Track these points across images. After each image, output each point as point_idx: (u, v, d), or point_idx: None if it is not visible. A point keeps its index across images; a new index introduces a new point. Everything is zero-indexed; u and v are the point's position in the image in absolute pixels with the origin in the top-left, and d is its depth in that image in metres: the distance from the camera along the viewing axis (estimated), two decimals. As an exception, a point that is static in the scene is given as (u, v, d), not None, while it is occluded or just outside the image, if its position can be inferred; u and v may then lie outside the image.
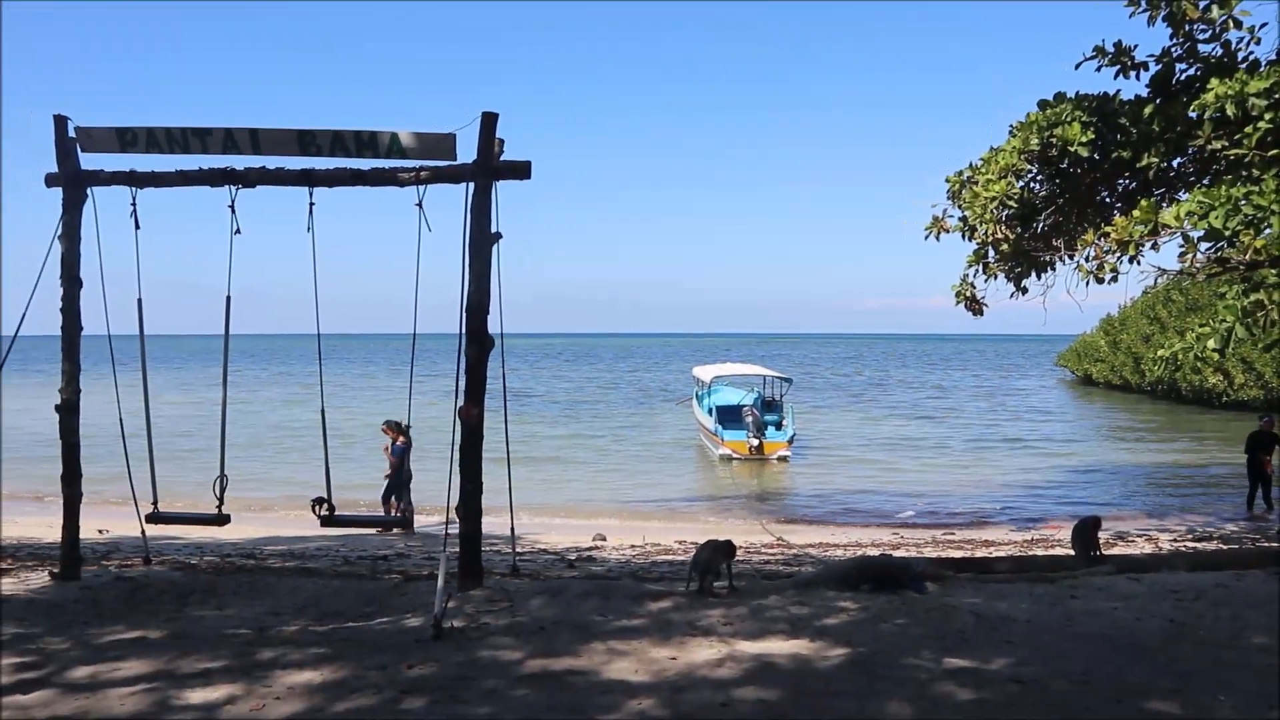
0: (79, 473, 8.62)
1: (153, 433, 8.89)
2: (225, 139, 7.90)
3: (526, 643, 6.04)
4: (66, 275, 8.40)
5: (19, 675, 5.53)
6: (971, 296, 11.62)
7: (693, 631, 6.31)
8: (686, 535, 15.05)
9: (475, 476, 7.65)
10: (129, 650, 6.06)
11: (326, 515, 8.27)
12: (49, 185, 8.50)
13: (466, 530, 7.66)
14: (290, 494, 19.21)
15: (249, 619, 7.00)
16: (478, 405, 7.62)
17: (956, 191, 10.85)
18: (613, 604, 7.11)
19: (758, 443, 25.54)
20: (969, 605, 7.07)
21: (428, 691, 5.10)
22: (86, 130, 8.18)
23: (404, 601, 7.47)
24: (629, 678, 5.35)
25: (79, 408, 8.55)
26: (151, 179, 8.30)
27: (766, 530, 16.01)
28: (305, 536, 14.34)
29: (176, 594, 7.99)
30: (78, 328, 8.46)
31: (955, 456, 27.77)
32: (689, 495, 21.66)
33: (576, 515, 18.05)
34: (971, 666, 5.50)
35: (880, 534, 15.94)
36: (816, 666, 5.56)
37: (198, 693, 5.18)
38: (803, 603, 7.12)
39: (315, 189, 7.99)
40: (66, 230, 8.38)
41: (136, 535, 9.64)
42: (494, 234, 7.62)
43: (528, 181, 7.79)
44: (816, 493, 21.57)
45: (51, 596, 7.82)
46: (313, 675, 5.43)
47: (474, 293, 7.57)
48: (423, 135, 7.64)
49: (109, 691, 5.23)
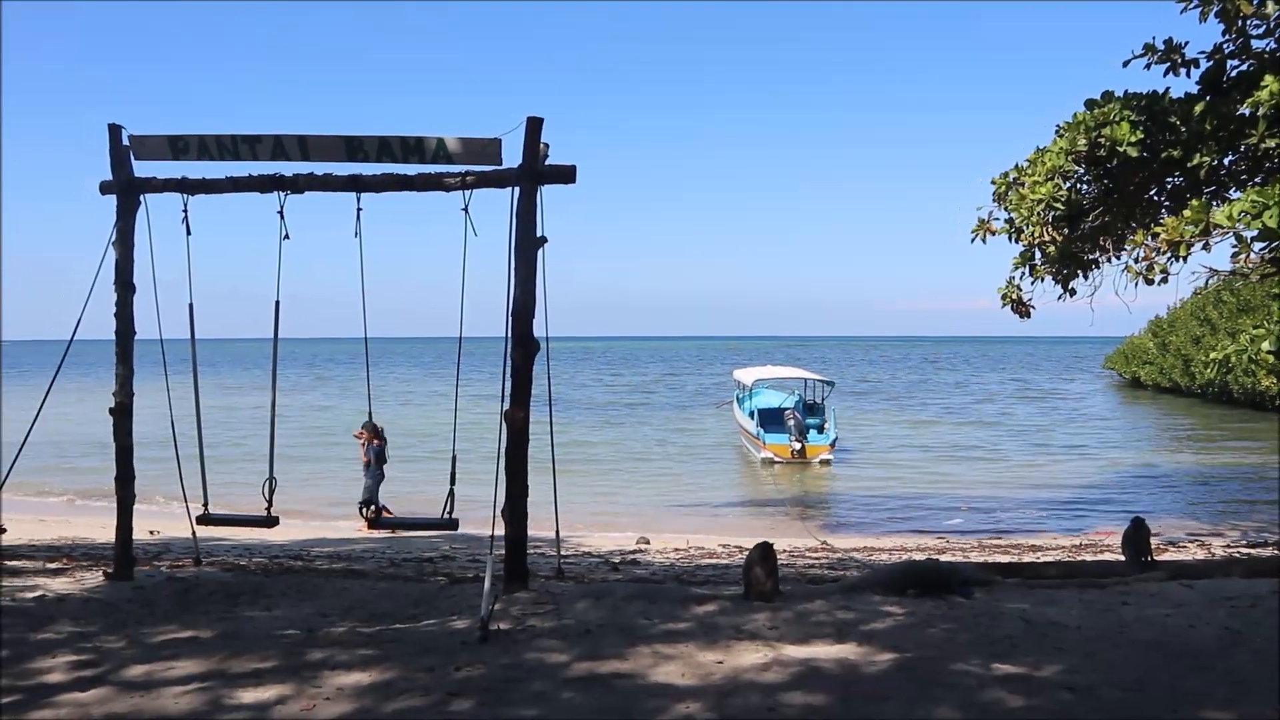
0: (132, 475, 8.77)
1: (203, 435, 9.02)
2: (274, 146, 8.01)
3: (573, 645, 6.05)
4: (120, 281, 8.55)
5: (76, 673, 5.62)
6: (1018, 299, 11.49)
7: (739, 635, 6.29)
8: (730, 539, 15.03)
9: (521, 480, 7.69)
10: (182, 649, 6.14)
11: (374, 518, 8.34)
12: (103, 192, 8.66)
13: (512, 533, 7.69)
14: (337, 497, 19.46)
15: (298, 620, 7.07)
16: (523, 409, 7.66)
17: (1002, 193, 10.73)
18: (658, 607, 7.11)
19: (800, 446, 25.45)
20: (1017, 611, 6.99)
21: (475, 693, 5.12)
22: (140, 138, 8.32)
23: (450, 603, 7.52)
24: (676, 681, 5.34)
25: (132, 411, 8.71)
26: (202, 186, 8.43)
27: (810, 534, 15.94)
28: (350, 539, 14.50)
29: (226, 594, 8.10)
30: (131, 332, 8.61)
31: (1000, 460, 27.49)
32: (731, 499, 21.63)
33: (619, 518, 18.09)
34: (1021, 673, 5.43)
35: (925, 538, 15.82)
36: (864, 672, 5.52)
37: (249, 692, 5.24)
38: (849, 607, 7.07)
39: (363, 194, 8.07)
40: (120, 236, 8.53)
41: (186, 536, 9.79)
42: (539, 238, 7.66)
43: (570, 185, 7.84)
44: (859, 496, 21.45)
45: (106, 596, 7.95)
46: (361, 676, 5.48)
47: (519, 297, 7.62)
48: (468, 140, 7.70)
49: (163, 690, 5.30)
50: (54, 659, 5.90)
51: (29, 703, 5.07)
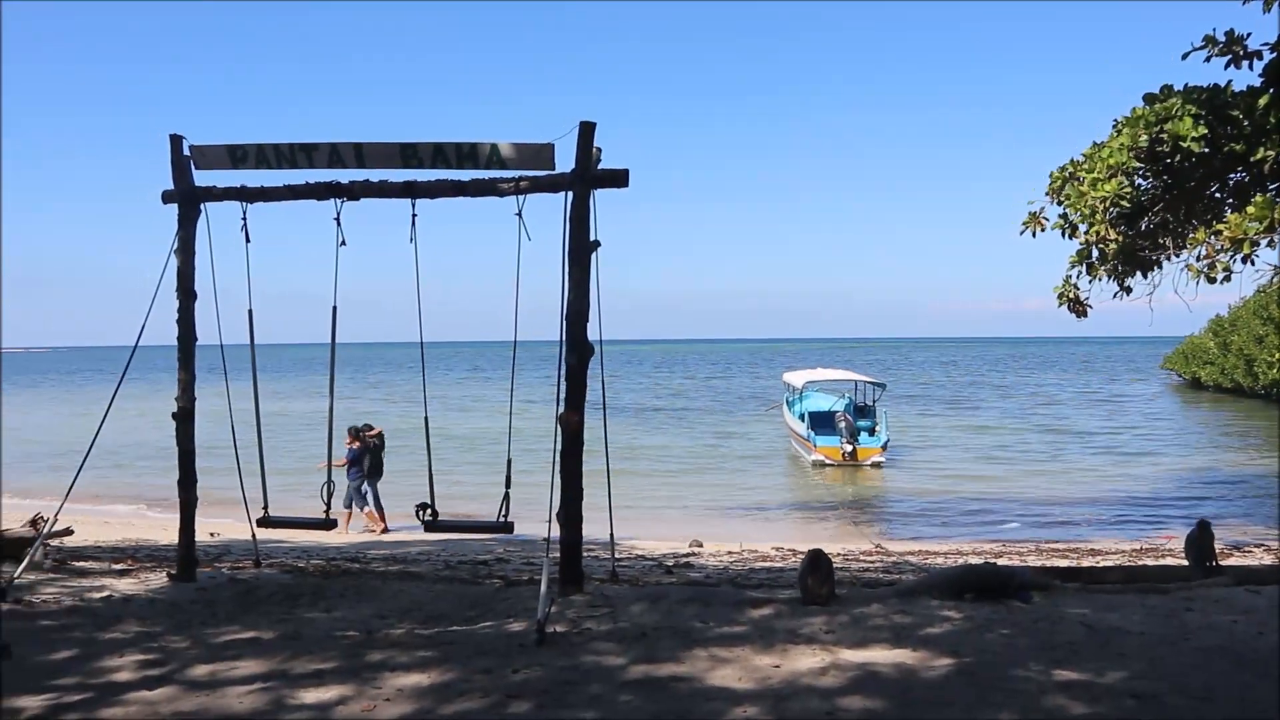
0: (194, 478, 8.94)
1: (262, 439, 9.16)
2: (331, 154, 8.12)
3: (629, 648, 6.06)
4: (182, 288, 8.71)
5: (144, 672, 5.74)
6: (1075, 298, 11.32)
7: (795, 639, 6.26)
8: (783, 541, 14.98)
9: (576, 483, 7.72)
10: (244, 650, 6.25)
11: (430, 520, 8.42)
12: (165, 202, 8.82)
13: (567, 536, 7.73)
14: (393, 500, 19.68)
15: (356, 621, 7.16)
16: (578, 412, 7.70)
17: (1058, 188, 10.58)
18: (713, 610, 7.10)
19: (851, 449, 25.29)
20: (1078, 616, 6.88)
21: (533, 696, 5.15)
22: (200, 148, 8.47)
23: (506, 606, 7.56)
24: (733, 685, 5.33)
25: (194, 415, 8.87)
26: (261, 194, 8.55)
27: (863, 537, 15.83)
28: (405, 541, 14.68)
29: (286, 596, 8.22)
30: (193, 338, 8.78)
31: (1056, 462, 27.10)
32: (783, 502, 21.55)
33: (671, 521, 18.11)
34: (1084, 679, 5.35)
35: (980, 542, 15.63)
36: (922, 676, 5.47)
37: (311, 693, 5.31)
38: (905, 611, 7.01)
39: (417, 200, 8.15)
40: (181, 244, 8.70)
41: (245, 538, 9.96)
42: (593, 242, 7.69)
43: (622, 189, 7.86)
44: (912, 500, 21.27)
45: (170, 596, 8.11)
46: (420, 678, 5.53)
47: (573, 300, 7.66)
48: (521, 146, 7.75)
49: (227, 690, 5.38)
50: (122, 658, 6.03)
51: (99, 700, 5.18)
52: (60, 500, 8.56)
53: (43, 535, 8.97)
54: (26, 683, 5.44)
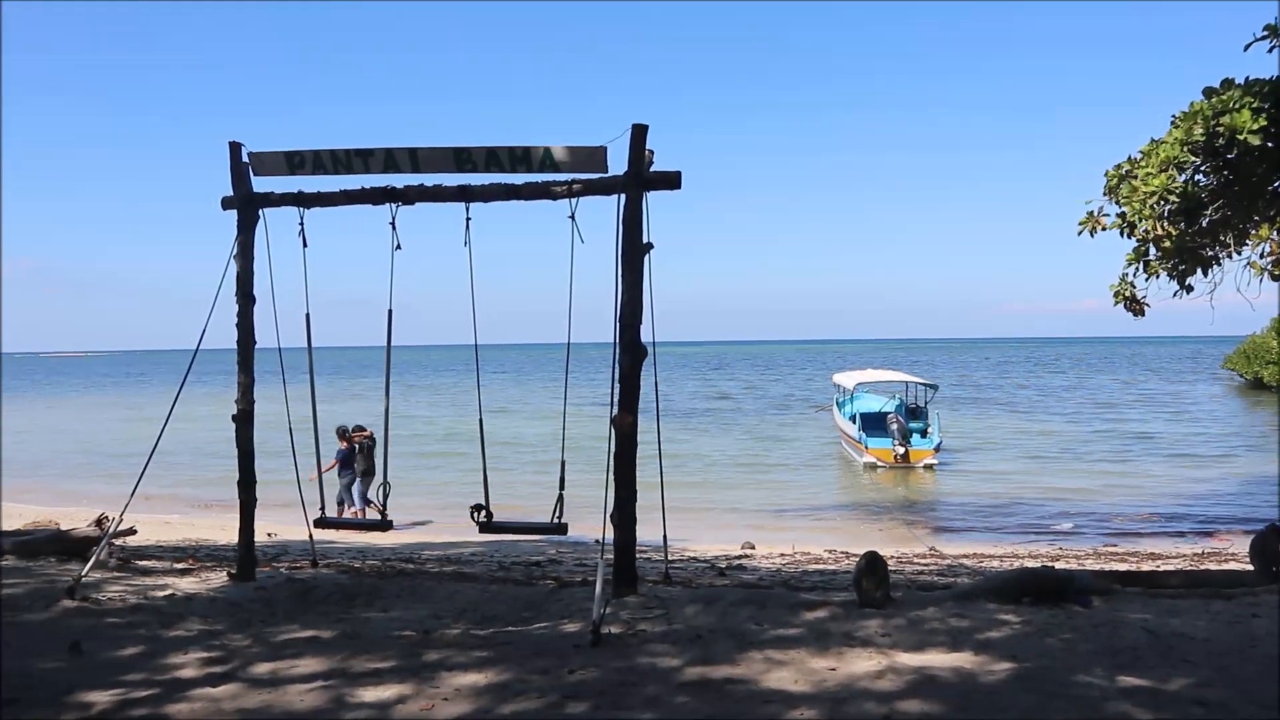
0: (254, 479, 9.08)
1: (319, 441, 9.28)
2: (386, 159, 8.21)
3: (684, 650, 6.06)
4: (241, 292, 8.86)
5: (207, 669, 5.85)
6: (1131, 296, 11.12)
7: (850, 642, 6.22)
8: (835, 544, 14.90)
9: (630, 484, 7.74)
10: (304, 648, 6.34)
11: (485, 522, 8.48)
12: (225, 208, 8.99)
13: (621, 538, 7.74)
14: (444, 501, 19.88)
15: (413, 621, 7.24)
16: (632, 414, 7.71)
17: (1114, 186, 10.40)
18: (768, 613, 7.07)
19: (903, 451, 25.06)
20: (1139, 621, 6.75)
21: (590, 697, 5.16)
22: (259, 155, 8.62)
23: (560, 607, 7.60)
24: (789, 688, 5.31)
25: (253, 418, 9.02)
26: (318, 199, 8.67)
27: (917, 540, 15.69)
28: (457, 542, 14.78)
29: (343, 595, 8.33)
30: (252, 342, 8.92)
31: (1113, 464, 26.63)
32: (834, 504, 21.40)
33: (722, 523, 18.09)
34: (1148, 686, 5.25)
35: (1037, 545, 15.42)
36: (981, 681, 5.40)
37: (370, 691, 5.37)
38: (962, 615, 6.93)
39: (471, 204, 8.22)
40: (241, 250, 8.85)
41: (300, 539, 10.07)
42: (646, 244, 7.70)
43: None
44: (966, 502, 21.03)
45: (230, 596, 8.25)
46: (477, 677, 5.57)
47: (627, 303, 7.67)
48: (574, 149, 7.79)
49: (289, 688, 5.46)
50: (186, 655, 6.15)
51: (165, 697, 5.29)
52: (124, 501, 8.74)
53: (108, 535, 9.17)
54: (96, 678, 5.58)
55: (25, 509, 18.31)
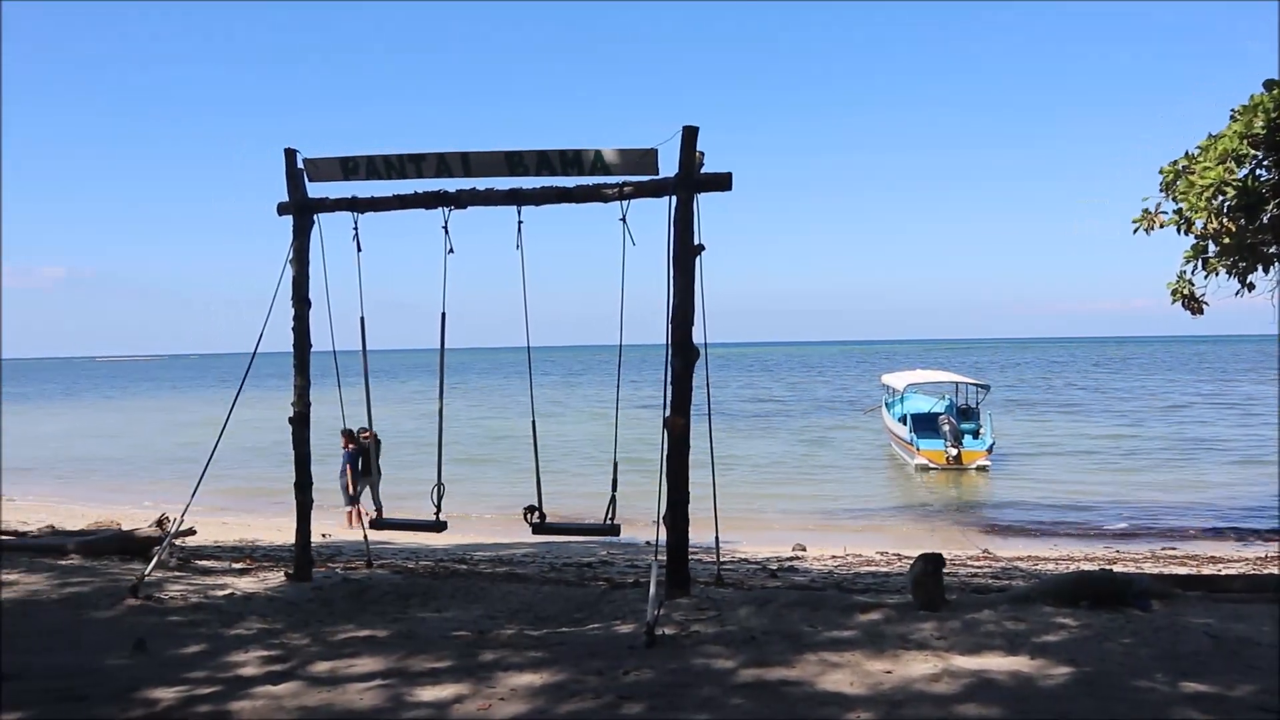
0: (309, 480, 9.22)
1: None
2: (438, 163, 8.29)
3: (738, 652, 6.05)
4: (297, 296, 9.00)
5: (268, 667, 5.93)
6: (1190, 295, 10.93)
7: (906, 645, 6.18)
8: (887, 546, 14.79)
9: (682, 486, 7.74)
10: (362, 648, 6.41)
11: (538, 523, 8.53)
12: (280, 213, 9.11)
13: (674, 539, 7.75)
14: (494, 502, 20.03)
15: (468, 621, 7.30)
16: (684, 416, 7.72)
17: (1170, 182, 10.23)
18: (821, 615, 7.04)
19: (956, 452, 24.80)
20: (1201, 626, 6.63)
21: (645, 698, 5.17)
22: (314, 161, 8.74)
23: (613, 608, 7.63)
24: (844, 690, 5.28)
25: (309, 420, 9.15)
26: (371, 204, 8.79)
27: (970, 542, 15.53)
28: (508, 543, 14.89)
29: (398, 595, 8.42)
30: (307, 345, 9.05)
31: (1170, 466, 26.13)
32: (885, 505, 21.24)
33: (772, 525, 18.04)
34: (1212, 692, 5.16)
35: (1093, 547, 15.19)
36: (1040, 685, 5.33)
37: (428, 690, 5.41)
38: (1019, 618, 6.85)
39: (523, 207, 8.27)
40: (296, 255, 8.98)
41: (355, 539, 10.20)
42: (697, 246, 7.71)
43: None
44: (1019, 504, 20.78)
45: (288, 595, 8.37)
46: (533, 678, 5.60)
47: (678, 305, 7.67)
48: (625, 151, 7.81)
49: (348, 686, 5.52)
50: (247, 653, 6.25)
51: (228, 694, 5.36)
52: (177, 501, 8.91)
53: (170, 536, 9.35)
54: (161, 675, 5.68)
55: (87, 510, 18.73)
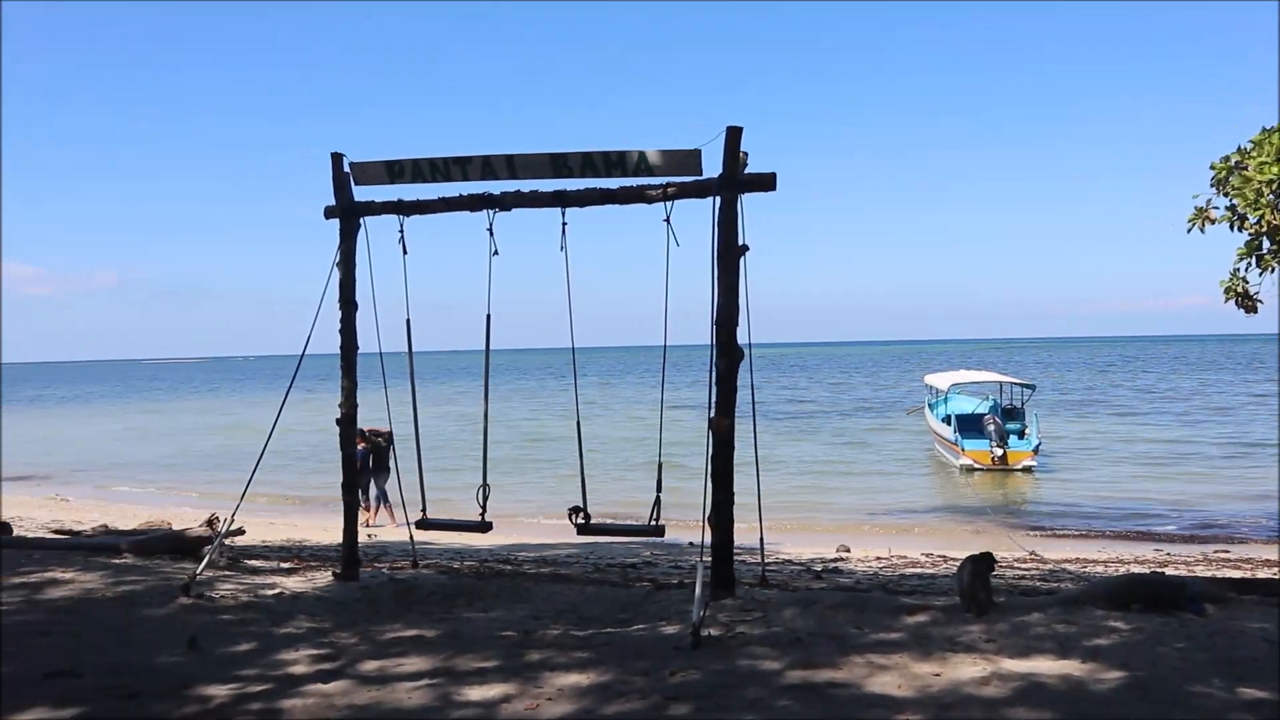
0: (356, 481, 9.31)
1: (420, 444, 9.46)
2: (483, 166, 8.33)
3: (785, 653, 6.03)
4: (343, 299, 9.08)
5: (317, 666, 6.00)
6: (1244, 292, 10.72)
7: (953, 647, 6.12)
8: (932, 547, 14.67)
9: (727, 487, 7.72)
10: (409, 647, 6.46)
11: (583, 524, 8.55)
12: (327, 217, 9.20)
13: (718, 540, 7.74)
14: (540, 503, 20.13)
15: (513, 622, 7.33)
16: (728, 416, 7.70)
17: (1223, 178, 10.05)
18: (867, 616, 6.99)
19: (1001, 453, 24.54)
20: (1258, 630, 6.49)
21: (692, 699, 5.16)
22: (360, 165, 8.81)
23: (658, 609, 7.63)
24: (893, 692, 5.24)
25: (356, 421, 9.24)
26: (417, 207, 8.84)
27: (1016, 544, 15.35)
28: (551, 544, 14.95)
29: (444, 595, 8.48)
30: (354, 347, 9.14)
31: (1221, 467, 25.66)
32: (930, 506, 21.09)
33: (816, 526, 17.97)
34: (1271, 698, 5.04)
35: (1142, 550, 14.96)
36: (1092, 689, 5.26)
37: (476, 690, 5.44)
38: (1069, 621, 6.76)
39: (567, 209, 8.30)
40: (343, 258, 9.06)
41: (398, 539, 10.27)
42: (741, 246, 7.69)
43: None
44: (1066, 505, 20.54)
45: (335, 595, 8.46)
46: (580, 678, 5.61)
47: (723, 305, 7.65)
48: (669, 152, 7.80)
49: (396, 685, 5.56)
50: (297, 652, 6.32)
51: (279, 692, 5.43)
52: (222, 500, 9.03)
53: (220, 535, 9.48)
54: (213, 673, 5.76)
55: (138, 510, 19.07)
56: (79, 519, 17.51)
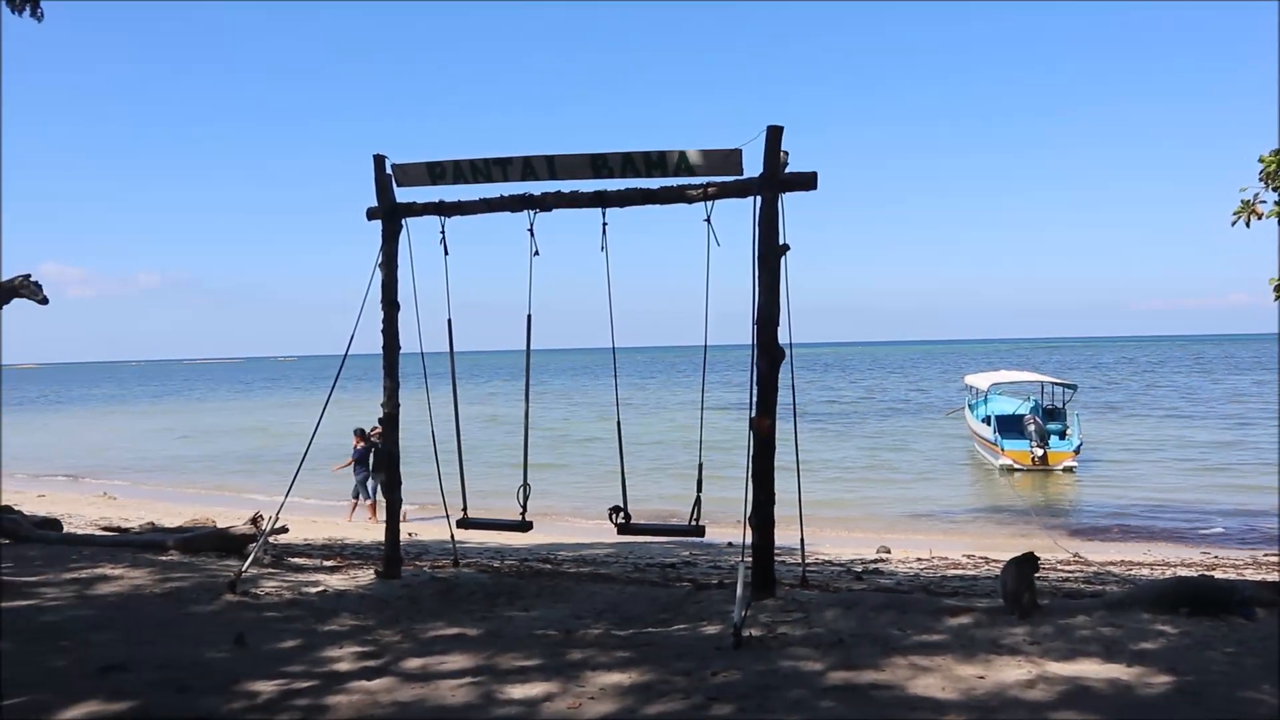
0: (399, 480, 9.39)
1: (461, 443, 9.52)
2: (524, 167, 8.37)
3: (826, 654, 6.01)
4: (386, 300, 9.16)
5: (361, 663, 6.06)
6: (1295, 290, 10.54)
7: (997, 650, 6.07)
8: (973, 549, 14.55)
9: (768, 487, 7.71)
10: (451, 645, 6.51)
11: (623, 523, 8.56)
12: (370, 218, 9.28)
13: (759, 541, 7.72)
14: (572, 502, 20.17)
15: (554, 621, 7.36)
16: (769, 417, 7.69)
17: (1272, 172, 9.87)
18: (909, 618, 6.95)
19: (1042, 453, 24.29)
20: (1311, 635, 6.40)
21: (734, 699, 5.16)
22: (402, 166, 8.88)
23: (698, 609, 7.62)
24: (936, 695, 5.21)
25: (399, 420, 9.32)
26: (458, 208, 8.90)
27: (1059, 545, 15.18)
28: (589, 543, 14.99)
29: (485, 594, 8.53)
30: (396, 347, 9.21)
31: (1270, 470, 25.16)
32: (970, 507, 20.92)
33: (855, 527, 17.88)
34: (1325, 704, 4.98)
35: (1189, 553, 14.74)
36: (1139, 694, 5.19)
37: (518, 688, 5.47)
38: (1115, 624, 6.68)
39: (607, 209, 8.31)
40: (385, 259, 9.14)
41: (438, 538, 10.32)
42: (782, 246, 7.67)
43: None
44: (1108, 507, 20.29)
45: (378, 593, 8.54)
46: (621, 677, 5.62)
47: (764, 305, 7.64)
48: (709, 152, 7.79)
49: (439, 683, 5.61)
50: (341, 649, 6.39)
51: (325, 688, 5.49)
52: (263, 497, 9.13)
53: (265, 534, 9.60)
54: (259, 668, 5.84)
55: (183, 508, 19.33)
56: (126, 516, 17.81)
